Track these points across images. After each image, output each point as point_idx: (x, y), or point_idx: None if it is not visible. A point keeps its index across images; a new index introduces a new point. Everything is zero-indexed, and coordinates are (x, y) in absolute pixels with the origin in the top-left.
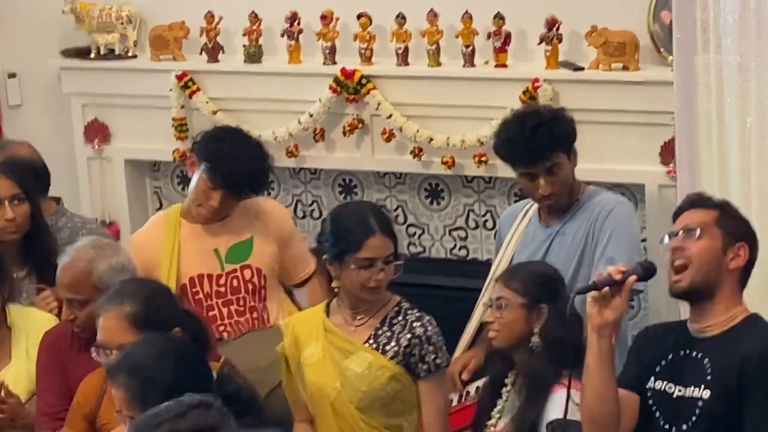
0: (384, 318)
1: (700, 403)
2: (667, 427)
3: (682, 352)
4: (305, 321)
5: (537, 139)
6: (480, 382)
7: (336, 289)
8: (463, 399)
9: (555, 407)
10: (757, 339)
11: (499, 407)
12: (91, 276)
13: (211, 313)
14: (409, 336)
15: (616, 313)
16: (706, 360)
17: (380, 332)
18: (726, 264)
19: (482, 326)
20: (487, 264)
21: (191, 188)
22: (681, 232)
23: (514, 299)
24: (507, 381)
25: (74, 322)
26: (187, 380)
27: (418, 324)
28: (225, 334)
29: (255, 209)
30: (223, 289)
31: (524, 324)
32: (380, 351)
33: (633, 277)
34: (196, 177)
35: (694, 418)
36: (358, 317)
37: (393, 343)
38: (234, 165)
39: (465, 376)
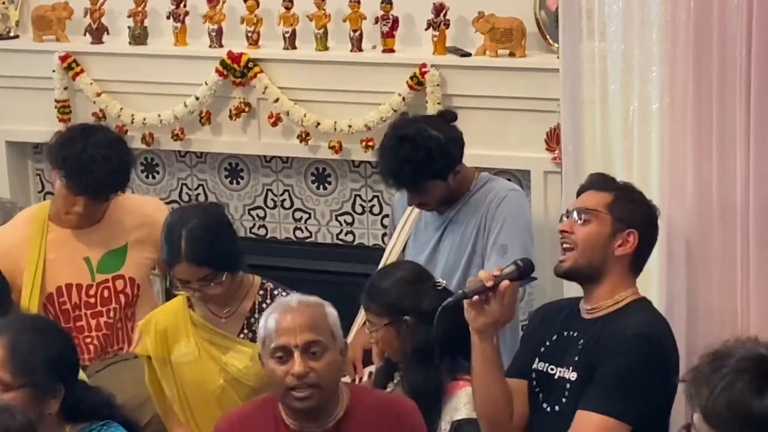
0: (252, 304)
1: (568, 385)
2: (546, 407)
3: (566, 333)
4: (169, 317)
5: (402, 173)
6: (374, 367)
7: None
8: (357, 382)
9: (459, 406)
10: (628, 323)
11: (389, 390)
12: None
13: (78, 324)
14: None
15: (493, 317)
16: (580, 341)
17: (252, 320)
18: (612, 250)
19: None
20: (374, 249)
21: (55, 195)
22: (574, 213)
23: (378, 321)
24: (400, 366)
25: None
26: (69, 363)
27: None
28: (91, 347)
29: (133, 211)
30: (93, 300)
31: (398, 339)
32: (257, 341)
33: (505, 283)
34: (58, 183)
35: (564, 399)
36: (224, 309)
37: None
38: (91, 171)
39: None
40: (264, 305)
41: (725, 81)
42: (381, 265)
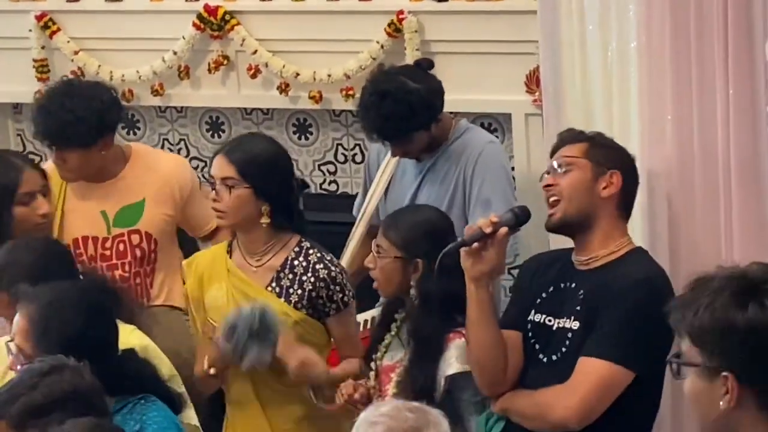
0: (285, 260)
1: (569, 334)
2: (542, 357)
3: (562, 285)
4: (208, 260)
5: (386, 129)
6: (372, 312)
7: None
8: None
9: (451, 360)
10: (629, 270)
11: (386, 341)
12: None
13: None
14: (312, 279)
15: (490, 265)
16: (581, 291)
17: (282, 275)
18: (598, 193)
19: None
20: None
21: None
22: (554, 165)
23: (390, 251)
24: (396, 317)
25: None
26: (93, 340)
27: (321, 266)
28: None
29: (151, 167)
30: (108, 253)
31: (401, 276)
32: (283, 297)
33: (504, 230)
34: None
35: (564, 349)
36: (255, 258)
37: (296, 287)
38: (42, 116)
39: None
40: (296, 262)
41: (702, 18)
42: (362, 211)
